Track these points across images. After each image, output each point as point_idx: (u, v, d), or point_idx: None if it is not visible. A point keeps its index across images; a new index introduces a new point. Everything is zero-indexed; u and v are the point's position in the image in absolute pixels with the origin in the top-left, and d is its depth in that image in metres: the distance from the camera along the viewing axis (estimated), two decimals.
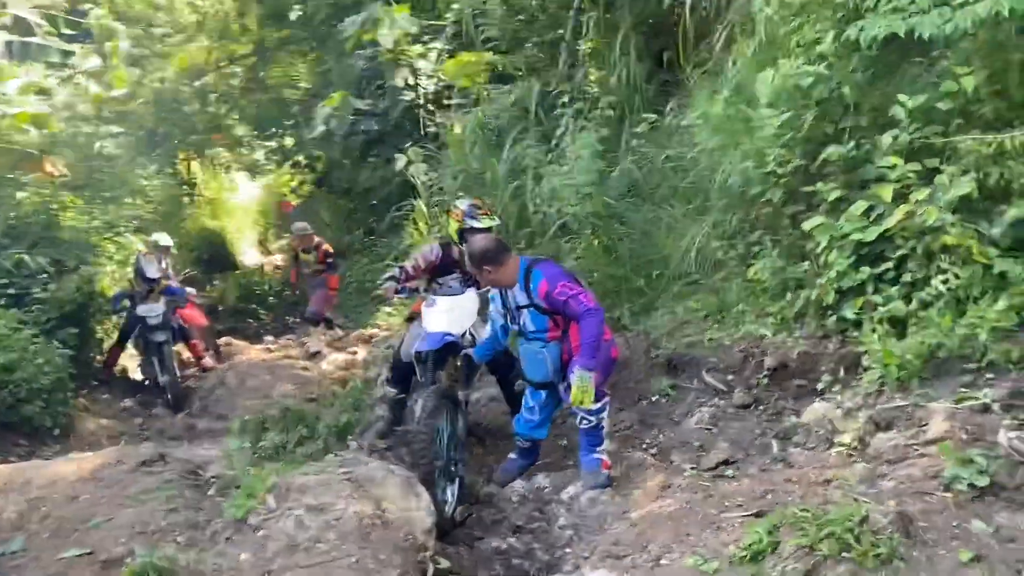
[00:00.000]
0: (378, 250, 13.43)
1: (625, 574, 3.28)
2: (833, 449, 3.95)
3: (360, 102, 12.80)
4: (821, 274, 4.83)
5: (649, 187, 6.99)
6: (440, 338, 4.92)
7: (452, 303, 5.10)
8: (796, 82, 5.03)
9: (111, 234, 9.56)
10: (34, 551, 3.66)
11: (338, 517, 3.42)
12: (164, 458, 4.48)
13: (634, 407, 5.46)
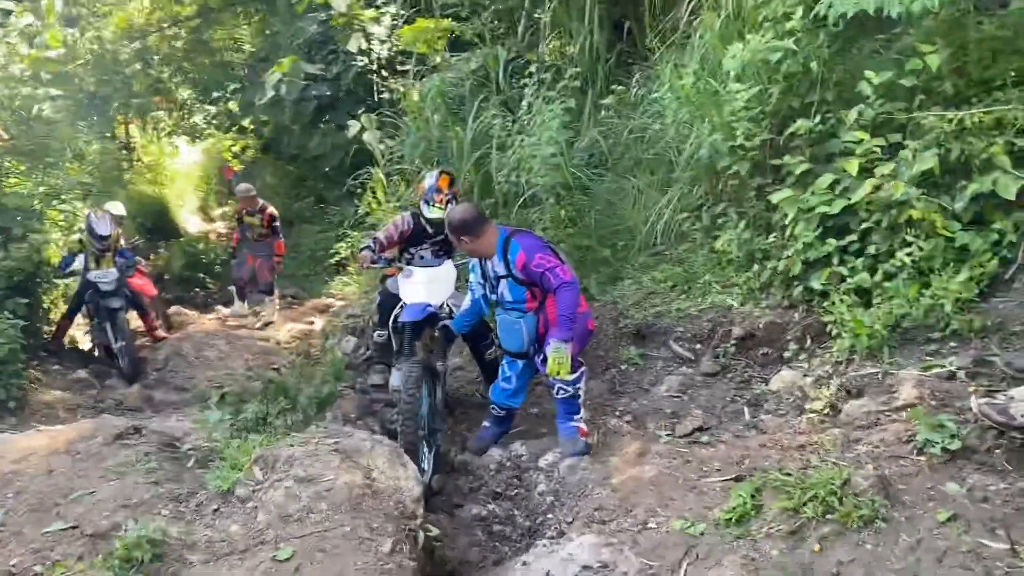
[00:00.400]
0: (330, 218, 13.28)
1: (612, 538, 3.38)
2: (804, 416, 4.10)
3: (311, 67, 12.54)
4: (787, 246, 4.97)
5: (614, 158, 7.05)
6: (422, 309, 4.93)
7: (430, 274, 5.11)
8: (764, 56, 5.11)
9: (56, 201, 9.24)
10: (14, 526, 3.59)
11: (329, 488, 3.44)
12: (140, 430, 4.42)
13: (604, 375, 5.56)
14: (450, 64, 9.19)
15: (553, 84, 7.24)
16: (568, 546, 3.42)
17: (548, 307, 4.46)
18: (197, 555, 3.20)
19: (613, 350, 5.76)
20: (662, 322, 5.58)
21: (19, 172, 9.10)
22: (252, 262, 10.91)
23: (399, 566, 3.08)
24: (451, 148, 8.03)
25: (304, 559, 3.06)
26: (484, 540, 4.18)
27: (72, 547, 3.31)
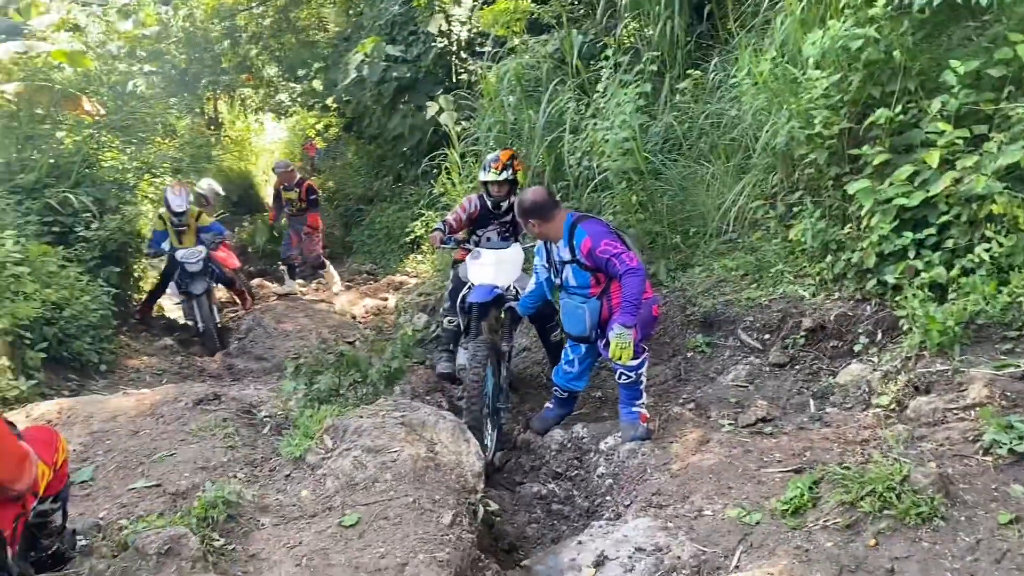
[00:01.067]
0: (406, 197, 13.49)
1: (668, 523, 3.42)
2: (870, 410, 4.05)
3: (392, 48, 12.74)
4: (862, 237, 4.88)
5: (688, 143, 6.99)
6: (488, 291, 5.02)
7: (498, 256, 5.19)
8: (845, 44, 5.00)
9: (148, 175, 9.65)
10: (103, 482, 3.85)
11: (394, 459, 3.57)
12: (219, 397, 4.65)
13: (669, 362, 5.58)
14: (528, 46, 9.21)
15: (630, 67, 7.21)
16: (623, 528, 3.48)
17: (612, 293, 4.50)
18: (268, 517, 3.38)
19: (680, 337, 5.76)
20: (731, 311, 5.54)
21: (114, 146, 9.52)
22: (297, 242, 11.20)
23: (458, 537, 3.19)
24: (524, 131, 8.07)
25: (368, 526, 3.20)
26: (543, 518, 4.27)
27: (154, 504, 3.54)
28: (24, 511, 2.77)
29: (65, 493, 3.07)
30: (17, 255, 6.11)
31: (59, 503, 3.02)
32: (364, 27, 14.31)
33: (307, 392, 4.50)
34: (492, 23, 9.94)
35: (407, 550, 3.03)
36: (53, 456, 2.95)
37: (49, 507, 2.96)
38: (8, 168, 7.98)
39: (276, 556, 3.10)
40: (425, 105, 12.33)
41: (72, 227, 7.89)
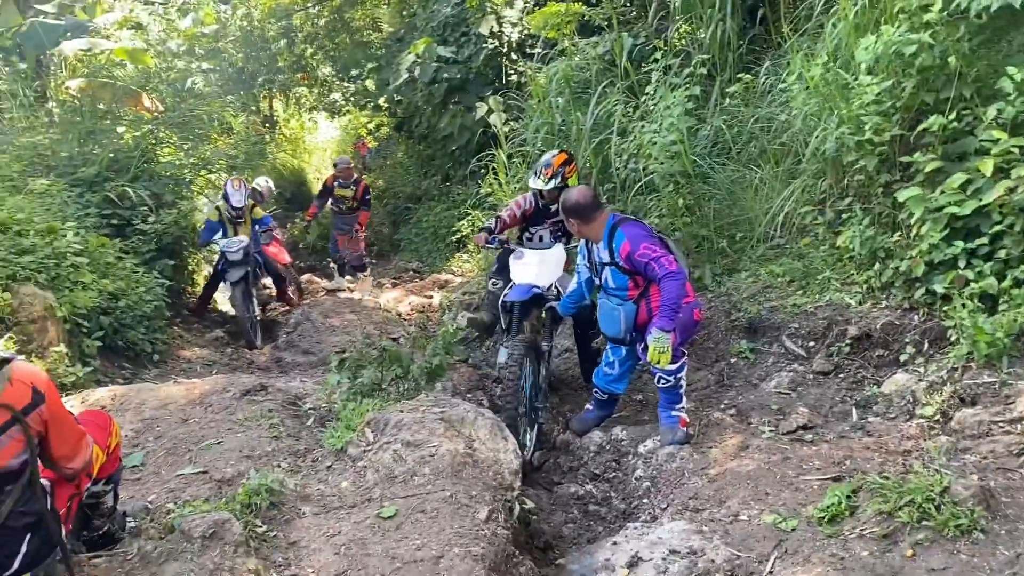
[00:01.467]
0: (454, 197, 13.60)
1: (703, 526, 3.42)
2: (914, 421, 3.99)
3: (443, 49, 12.86)
4: (912, 246, 4.81)
5: (738, 147, 6.94)
6: (527, 290, 5.06)
7: (540, 256, 5.22)
8: (899, 49, 4.93)
9: (204, 171, 9.89)
10: (153, 467, 3.98)
11: (432, 453, 3.63)
12: (266, 388, 4.77)
13: (712, 367, 5.55)
14: (578, 48, 9.23)
15: (680, 70, 7.19)
16: (658, 530, 3.49)
17: (652, 296, 4.48)
18: (310, 506, 3.46)
19: (724, 343, 5.73)
20: (776, 317, 5.50)
21: (171, 142, 9.77)
22: (343, 243, 11.34)
23: (493, 533, 3.23)
24: (572, 132, 8.09)
25: (406, 518, 3.26)
26: (579, 518, 4.29)
27: (201, 489, 3.64)
28: (78, 491, 2.90)
29: (117, 476, 3.19)
30: (77, 246, 6.32)
31: (111, 485, 3.13)
32: (417, 28, 14.47)
33: (350, 386, 4.58)
34: (542, 25, 9.97)
35: (443, 543, 3.08)
36: (107, 440, 3.07)
37: (101, 489, 3.08)
38: (71, 162, 8.24)
39: (315, 544, 3.17)
40: (475, 106, 12.44)
41: (130, 220, 8.13)
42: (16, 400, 2.45)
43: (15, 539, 2.53)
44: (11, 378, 2.47)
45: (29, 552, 2.56)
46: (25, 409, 2.47)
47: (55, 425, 2.60)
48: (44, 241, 6.02)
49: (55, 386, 2.64)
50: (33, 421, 2.50)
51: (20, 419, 2.45)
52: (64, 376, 5.37)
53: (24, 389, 2.48)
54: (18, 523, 2.53)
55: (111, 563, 2.99)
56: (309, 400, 4.78)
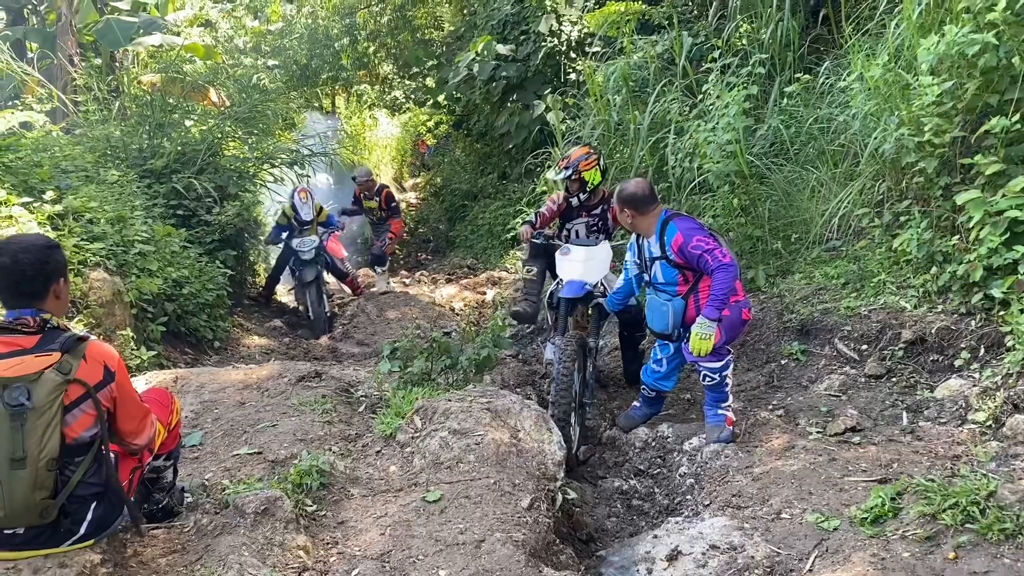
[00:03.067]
0: (509, 194, 13.70)
1: (744, 523, 3.43)
2: (965, 426, 3.93)
3: (503, 47, 12.96)
4: (970, 249, 4.71)
5: (795, 148, 6.87)
6: (580, 287, 5.10)
7: (587, 253, 5.26)
8: (962, 49, 4.84)
9: (267, 165, 10.15)
10: (210, 447, 4.14)
11: (478, 442, 3.71)
12: (320, 375, 4.91)
13: (762, 368, 5.52)
14: (637, 47, 9.22)
15: (738, 70, 7.14)
16: (699, 525, 3.51)
17: (701, 292, 4.48)
18: (358, 489, 3.57)
19: (775, 344, 5.70)
20: (829, 319, 5.44)
21: (236, 137, 10.06)
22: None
23: (535, 521, 3.29)
24: (629, 131, 8.10)
25: (450, 503, 3.34)
26: (622, 512, 4.33)
27: (255, 469, 3.78)
28: (140, 465, 3.05)
29: (177, 453, 3.34)
30: (144, 234, 6.58)
31: (171, 461, 3.28)
32: (477, 26, 14.60)
33: (401, 375, 4.69)
34: (601, 24, 9.99)
35: (485, 528, 3.15)
36: (168, 417, 3.22)
37: (162, 464, 3.23)
38: (140, 154, 8.55)
39: (362, 524, 3.28)
40: (532, 104, 12.51)
41: (195, 211, 8.40)
42: (89, 377, 2.62)
43: (83, 507, 2.70)
44: (86, 355, 2.64)
45: (94, 520, 2.74)
46: (97, 386, 2.64)
47: (123, 403, 2.76)
48: (114, 229, 6.27)
49: (125, 366, 2.80)
50: (103, 397, 2.67)
51: (92, 395, 2.62)
52: (129, 359, 5.60)
53: (97, 367, 2.65)
54: (86, 492, 2.70)
55: (169, 534, 3.13)
56: (361, 387, 4.91)
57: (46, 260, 2.71)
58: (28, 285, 2.67)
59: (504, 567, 2.90)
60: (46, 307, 2.70)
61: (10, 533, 2.62)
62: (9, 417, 2.50)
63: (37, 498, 2.56)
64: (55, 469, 2.57)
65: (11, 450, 2.51)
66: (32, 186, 6.06)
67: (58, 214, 5.76)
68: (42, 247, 2.74)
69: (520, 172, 13.08)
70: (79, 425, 2.63)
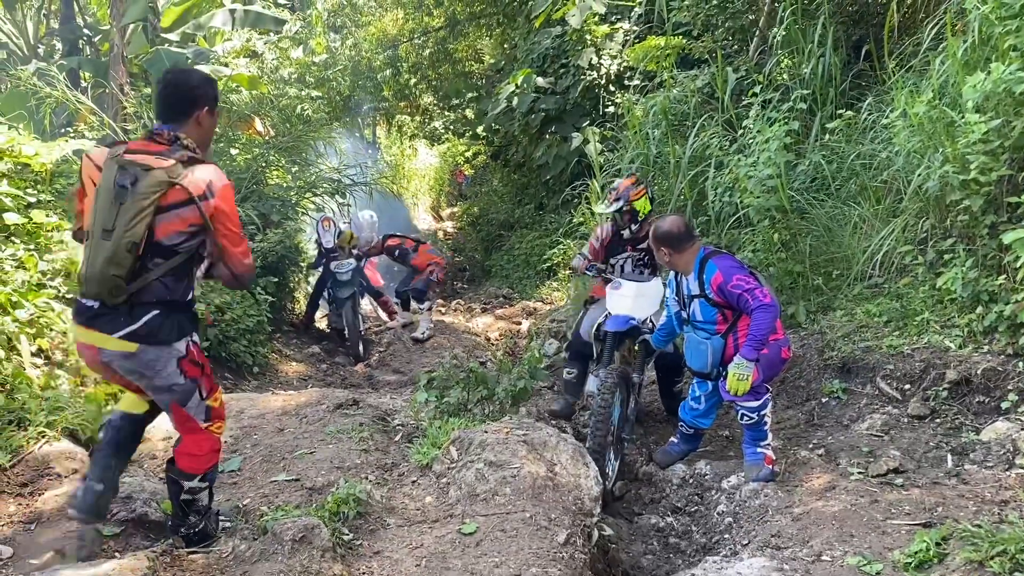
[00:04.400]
0: (546, 225, 13.75)
1: (784, 565, 3.37)
2: (1013, 470, 3.83)
3: (542, 80, 13.08)
4: (1017, 289, 4.64)
5: (836, 183, 6.82)
6: (625, 321, 5.08)
7: (639, 289, 5.23)
8: (1009, 87, 4.80)
9: (309, 194, 10.31)
10: (249, 472, 4.19)
11: (514, 474, 3.70)
12: (358, 403, 4.95)
13: (802, 406, 5.45)
14: (677, 81, 9.25)
15: (779, 104, 7.13)
16: (737, 565, 3.45)
17: (740, 331, 4.45)
18: (394, 518, 3.58)
19: (816, 382, 5.62)
20: (871, 357, 5.36)
21: (280, 165, 10.24)
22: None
23: (571, 556, 3.27)
24: (669, 164, 8.10)
25: (486, 535, 3.33)
26: (659, 550, 4.28)
27: (292, 496, 3.82)
28: (204, 371, 3.26)
29: (213, 475, 3.38)
30: None
31: (206, 483, 3.32)
32: (517, 59, 14.77)
33: (437, 404, 4.70)
34: (642, 58, 10.04)
35: (520, 562, 3.13)
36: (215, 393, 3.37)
37: (197, 485, 3.27)
38: None
39: (398, 555, 3.28)
40: (570, 136, 12.58)
41: None
42: (193, 188, 2.94)
43: (147, 309, 2.98)
44: (195, 172, 2.97)
45: (150, 326, 2.98)
46: (200, 197, 2.94)
47: (220, 219, 3.01)
48: None
49: (232, 195, 3.08)
50: (204, 208, 2.95)
51: (196, 202, 2.93)
52: None
53: (202, 184, 2.96)
54: (157, 297, 2.99)
55: (207, 559, 3.16)
56: (398, 416, 4.94)
57: (195, 87, 3.16)
58: (175, 105, 3.12)
59: None
60: (184, 129, 3.10)
61: (88, 305, 2.97)
62: (114, 194, 2.90)
63: (111, 272, 2.88)
64: (134, 253, 2.90)
65: (105, 221, 2.88)
66: None
67: None
68: (197, 77, 3.25)
69: (557, 203, 13.13)
70: (169, 227, 2.94)
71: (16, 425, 4.06)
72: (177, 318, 3.06)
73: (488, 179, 19.94)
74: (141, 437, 3.52)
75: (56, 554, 3.19)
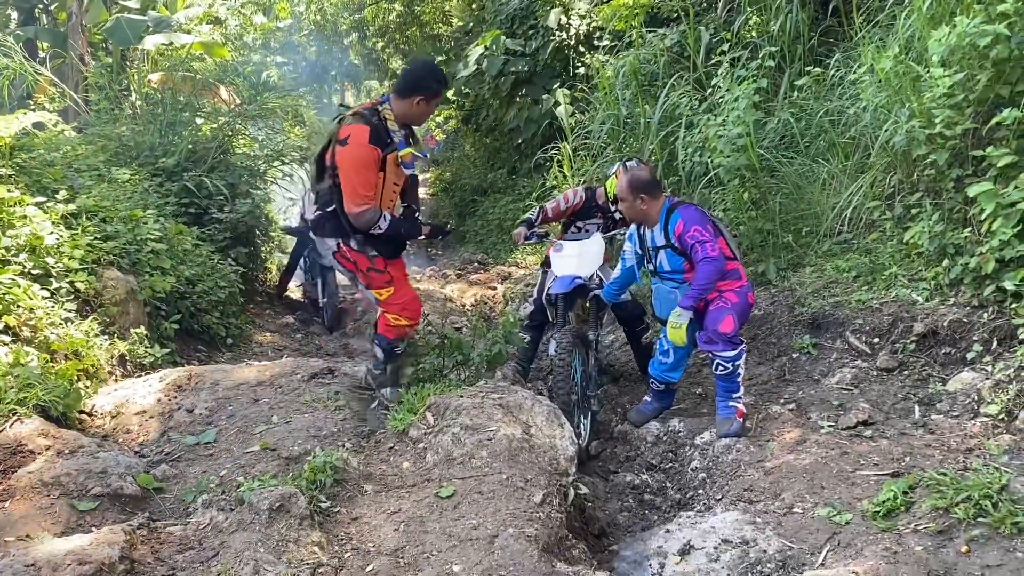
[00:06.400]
0: (519, 189, 13.70)
1: (756, 518, 3.44)
2: (978, 419, 3.92)
3: (511, 42, 12.94)
4: (982, 242, 4.70)
5: (805, 141, 6.85)
6: (570, 281, 5.12)
7: (579, 247, 5.27)
8: (973, 40, 4.82)
9: (278, 163, 10.16)
10: (224, 444, 4.18)
11: (490, 437, 3.72)
12: (333, 372, 4.94)
13: (773, 363, 5.52)
14: (646, 40, 9.20)
15: (747, 63, 7.12)
16: (711, 519, 3.52)
17: None
18: (371, 485, 3.59)
19: (786, 338, 5.69)
20: (840, 312, 5.43)
21: (246, 134, 10.07)
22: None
23: (548, 516, 3.31)
24: (639, 125, 8.08)
25: (463, 498, 3.36)
26: (634, 507, 4.34)
27: (269, 466, 3.82)
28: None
29: (384, 341, 4.67)
30: (157, 232, 6.60)
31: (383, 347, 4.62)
32: (486, 21, 14.59)
33: (414, 371, 4.71)
34: (611, 17, 9.97)
35: (498, 523, 3.16)
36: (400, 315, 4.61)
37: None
38: (152, 152, 8.57)
39: (376, 520, 3.30)
40: (541, 98, 12.49)
41: (206, 209, 8.42)
42: (340, 134, 4.12)
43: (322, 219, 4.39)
44: (346, 125, 4.13)
45: (323, 223, 4.39)
46: (339, 142, 4.14)
47: (340, 165, 4.15)
48: (127, 228, 6.30)
49: (354, 153, 4.10)
50: (336, 153, 4.16)
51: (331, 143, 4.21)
52: (143, 356, 5.64)
53: (342, 134, 4.11)
54: (327, 204, 4.33)
55: (184, 531, 3.17)
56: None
57: (420, 76, 4.22)
58: (400, 83, 4.22)
59: (517, 562, 2.92)
60: (396, 104, 4.19)
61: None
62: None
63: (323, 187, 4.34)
64: (315, 166, 4.35)
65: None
66: (45, 185, 6.10)
67: (71, 213, 5.79)
68: (427, 68, 4.38)
69: (530, 167, 13.07)
70: (329, 156, 4.23)
71: None
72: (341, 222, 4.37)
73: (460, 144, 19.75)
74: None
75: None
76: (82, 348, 5.02)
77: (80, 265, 5.45)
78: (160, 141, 8.82)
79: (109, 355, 5.32)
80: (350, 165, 4.08)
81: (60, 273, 5.30)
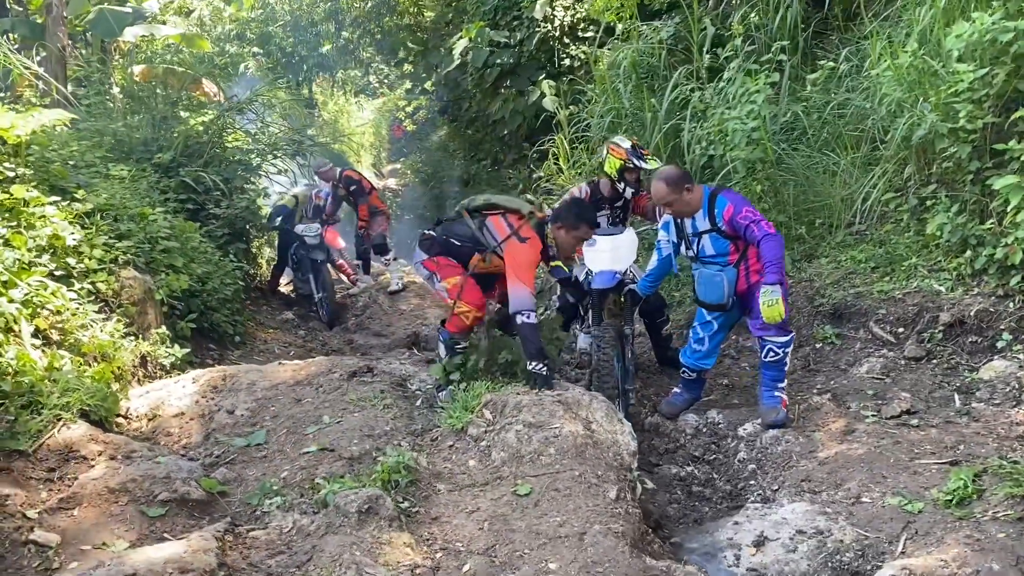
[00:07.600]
0: (504, 181, 13.66)
1: (825, 508, 3.52)
2: (1021, 407, 4.05)
3: (496, 33, 12.88)
4: (1006, 233, 4.84)
5: (813, 133, 6.96)
6: (611, 277, 5.11)
7: (614, 242, 5.26)
8: (994, 36, 4.95)
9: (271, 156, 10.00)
10: (276, 445, 4.13)
11: (556, 434, 3.74)
12: (372, 370, 4.91)
13: (797, 352, 5.60)
14: (639, 32, 9.23)
15: (747, 56, 7.20)
16: (780, 511, 3.59)
17: (750, 261, 4.57)
18: (443, 484, 3.60)
19: (807, 328, 5.80)
20: (862, 303, 5.55)
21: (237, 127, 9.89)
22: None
23: (627, 512, 3.35)
24: (644, 119, 8.12)
25: (541, 496, 3.38)
26: (683, 499, 4.40)
27: (332, 467, 3.79)
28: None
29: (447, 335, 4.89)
30: (167, 230, 6.48)
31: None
32: (467, 12, 14.49)
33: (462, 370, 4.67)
34: (602, 10, 9.97)
35: (582, 520, 3.19)
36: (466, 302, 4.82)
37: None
38: (146, 147, 8.39)
39: (457, 520, 3.30)
40: (526, 90, 12.46)
41: (203, 204, 8.28)
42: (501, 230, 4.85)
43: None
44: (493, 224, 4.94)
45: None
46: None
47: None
48: (138, 226, 6.18)
49: (520, 255, 4.64)
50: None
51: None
52: (164, 357, 5.54)
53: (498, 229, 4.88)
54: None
55: (269, 535, 3.14)
56: (414, 381, 4.92)
57: (556, 216, 4.80)
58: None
59: (611, 558, 2.95)
60: (551, 222, 4.81)
61: None
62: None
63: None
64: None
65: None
66: (54, 184, 5.94)
67: (85, 212, 5.66)
68: (567, 206, 4.96)
69: (514, 158, 13.05)
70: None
71: (28, 409, 3.92)
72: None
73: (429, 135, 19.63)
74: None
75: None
76: (110, 350, 4.93)
77: (98, 265, 5.34)
78: (153, 136, 8.63)
79: (133, 356, 5.23)
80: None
81: (81, 274, 5.19)
